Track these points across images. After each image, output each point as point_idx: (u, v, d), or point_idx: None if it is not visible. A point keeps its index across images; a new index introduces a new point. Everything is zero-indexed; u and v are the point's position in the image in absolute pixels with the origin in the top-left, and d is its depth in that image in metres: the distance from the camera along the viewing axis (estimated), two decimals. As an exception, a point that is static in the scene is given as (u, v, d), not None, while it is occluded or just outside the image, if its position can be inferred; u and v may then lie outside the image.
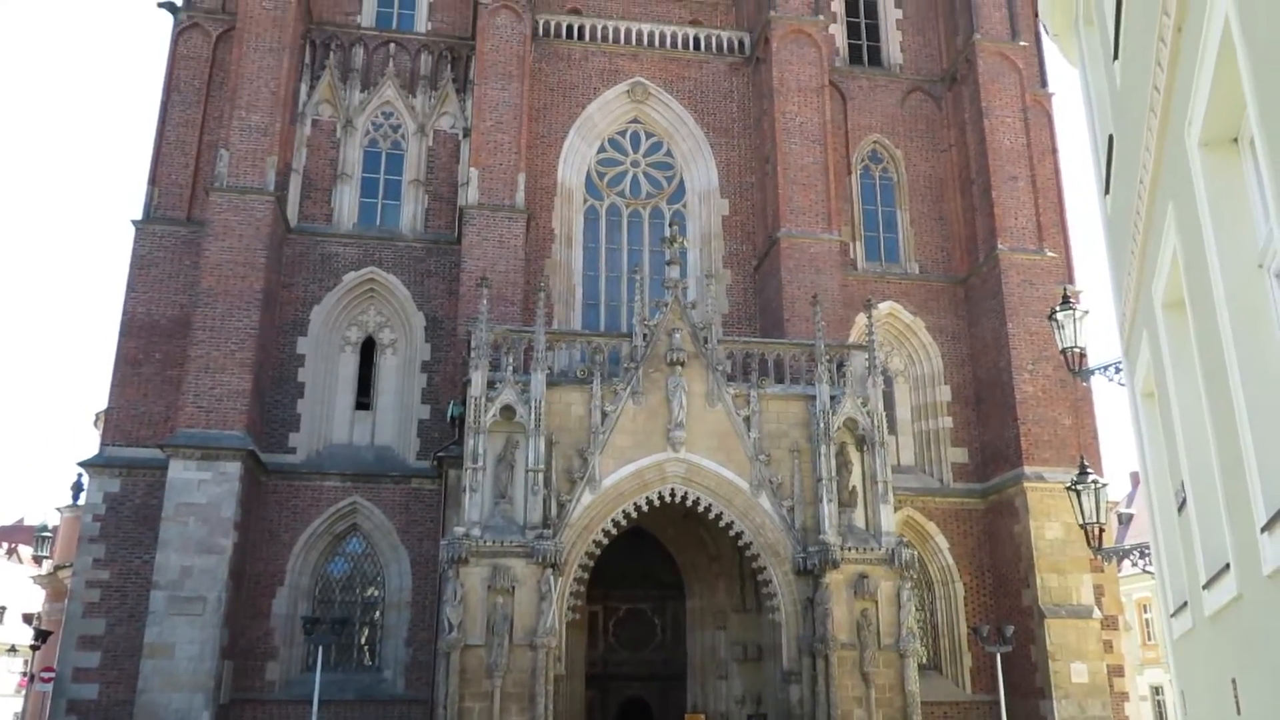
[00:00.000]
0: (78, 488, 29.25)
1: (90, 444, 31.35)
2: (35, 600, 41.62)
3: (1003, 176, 25.12)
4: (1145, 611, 40.86)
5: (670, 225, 22.86)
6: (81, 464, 22.17)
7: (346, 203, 24.26)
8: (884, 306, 24.79)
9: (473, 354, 19.04)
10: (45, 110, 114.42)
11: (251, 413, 21.11)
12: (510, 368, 18.89)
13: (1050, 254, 24.88)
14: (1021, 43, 26.55)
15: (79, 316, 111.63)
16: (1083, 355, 11.84)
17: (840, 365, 20.35)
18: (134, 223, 23.22)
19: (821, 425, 19.33)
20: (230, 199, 22.06)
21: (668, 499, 19.00)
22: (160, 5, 24.90)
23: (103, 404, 23.50)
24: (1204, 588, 6.20)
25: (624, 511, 18.76)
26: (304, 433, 22.46)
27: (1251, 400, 4.54)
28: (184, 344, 21.68)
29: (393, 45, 25.63)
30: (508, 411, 18.65)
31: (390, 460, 22.60)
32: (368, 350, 23.62)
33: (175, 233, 23.25)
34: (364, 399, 23.23)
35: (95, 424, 28.54)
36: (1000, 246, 24.44)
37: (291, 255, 23.39)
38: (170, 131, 23.99)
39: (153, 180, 23.62)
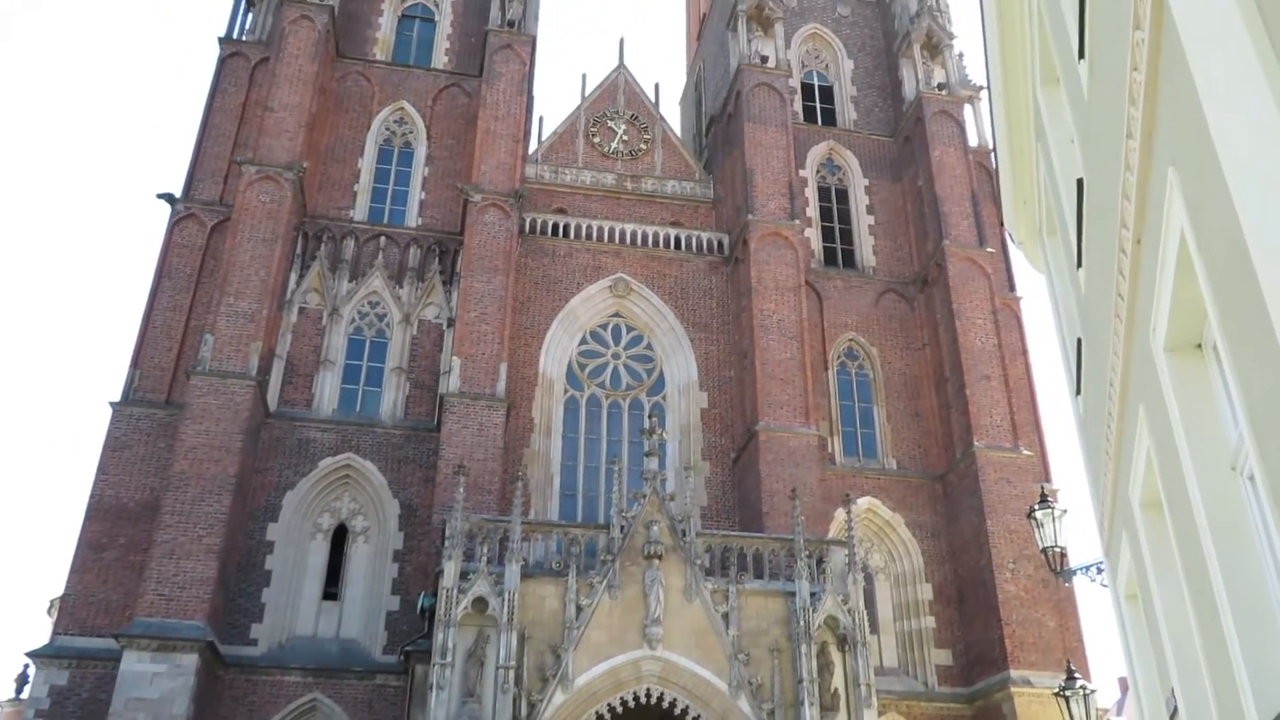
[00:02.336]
0: (23, 680, 27.78)
1: (42, 633, 29.95)
2: (-38, 805, 38.65)
3: (976, 375, 25.63)
4: (1143, 829, 38.77)
5: (649, 417, 23.00)
6: (30, 654, 21.15)
7: (328, 389, 24.36)
8: (863, 502, 24.72)
9: (447, 543, 18.66)
10: (19, 294, 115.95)
11: (214, 601, 20.39)
12: (485, 558, 18.47)
13: (1026, 452, 25.08)
14: (989, 249, 27.69)
15: (38, 501, 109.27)
16: (1063, 554, 11.71)
17: (820, 561, 20.05)
18: (111, 404, 23.16)
19: (802, 624, 18.84)
20: (211, 383, 22.11)
21: (643, 700, 18.22)
22: (159, 196, 25.77)
23: (59, 591, 22.69)
24: (1203, 805, 5.91)
25: (597, 713, 17.95)
26: (267, 623, 21.64)
27: (1236, 603, 4.48)
28: (150, 529, 21.18)
29: (383, 238, 26.43)
30: (480, 604, 18.11)
31: (355, 654, 21.71)
32: (339, 538, 23.13)
33: (152, 415, 23.16)
34: (332, 589, 22.53)
35: (49, 612, 27.42)
36: (977, 444, 24.63)
37: (268, 440, 23.25)
38: (158, 315, 24.31)
39: (135, 363, 23.71)
